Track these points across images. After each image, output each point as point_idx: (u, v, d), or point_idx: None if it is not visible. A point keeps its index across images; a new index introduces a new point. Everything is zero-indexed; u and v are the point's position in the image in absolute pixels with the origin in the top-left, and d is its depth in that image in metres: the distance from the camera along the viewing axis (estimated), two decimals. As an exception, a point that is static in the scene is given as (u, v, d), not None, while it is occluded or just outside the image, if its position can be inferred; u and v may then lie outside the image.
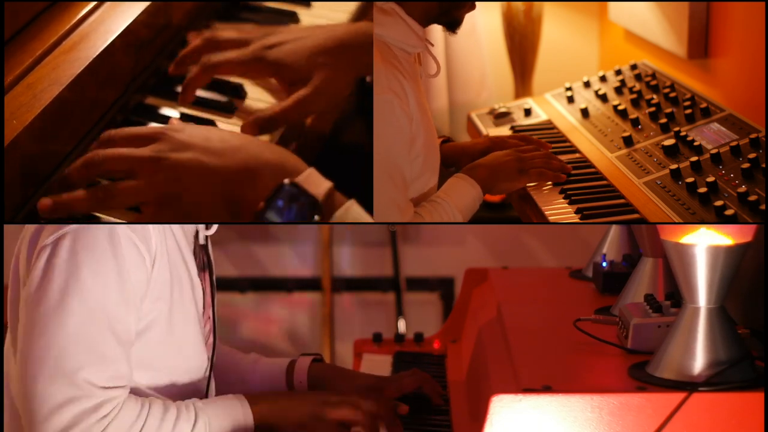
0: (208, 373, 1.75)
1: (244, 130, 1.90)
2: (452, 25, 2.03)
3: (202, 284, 1.75)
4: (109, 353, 1.56)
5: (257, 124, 1.89)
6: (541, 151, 2.23)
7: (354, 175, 2.18)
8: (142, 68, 2.03)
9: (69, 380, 1.53)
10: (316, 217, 1.59)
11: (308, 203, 1.59)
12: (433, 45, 2.06)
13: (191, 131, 1.69)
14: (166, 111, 2.02)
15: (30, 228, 1.64)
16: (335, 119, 2.08)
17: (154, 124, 1.86)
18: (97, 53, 1.87)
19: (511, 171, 2.13)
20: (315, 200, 1.58)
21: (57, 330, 1.54)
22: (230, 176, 1.63)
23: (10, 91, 1.77)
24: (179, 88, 2.03)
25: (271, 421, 1.68)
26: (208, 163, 1.63)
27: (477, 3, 2.06)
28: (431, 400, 1.89)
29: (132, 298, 1.58)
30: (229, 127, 1.95)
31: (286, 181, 1.59)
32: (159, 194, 1.64)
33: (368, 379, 1.91)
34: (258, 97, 2.04)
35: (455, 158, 2.26)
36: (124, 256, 1.57)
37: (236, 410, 1.66)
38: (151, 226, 1.62)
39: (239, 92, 2.03)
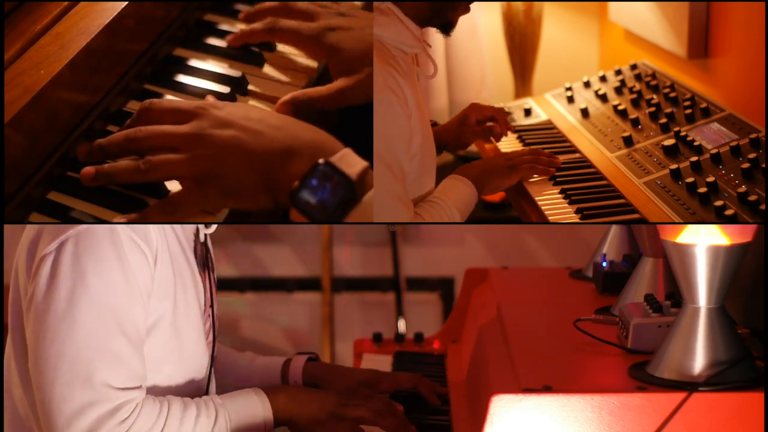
0: (208, 373, 1.75)
1: (278, 107, 1.89)
2: (446, 27, 2.03)
3: (203, 282, 1.75)
4: (122, 353, 1.56)
5: (292, 104, 1.89)
6: (529, 149, 2.28)
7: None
8: (171, 19, 2.03)
9: (85, 384, 1.53)
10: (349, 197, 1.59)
11: (342, 183, 1.57)
12: (430, 46, 2.06)
13: (231, 109, 1.68)
14: (194, 63, 2.02)
15: (28, 234, 1.64)
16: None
17: (191, 101, 1.84)
18: (126, 3, 1.86)
19: (501, 168, 2.17)
20: (349, 179, 1.57)
21: (68, 336, 1.54)
22: (268, 156, 1.61)
23: (38, 41, 1.76)
24: (209, 40, 2.06)
25: (289, 414, 1.69)
26: (248, 141, 1.62)
27: (477, 3, 2.06)
28: (428, 400, 1.89)
29: (139, 296, 1.59)
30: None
31: (321, 160, 1.58)
32: (199, 170, 1.62)
33: (364, 374, 1.92)
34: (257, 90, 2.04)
35: (438, 138, 2.28)
36: (127, 256, 1.57)
37: (255, 404, 1.66)
38: (150, 225, 1.62)
39: (241, 84, 2.03)
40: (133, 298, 1.58)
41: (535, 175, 2.23)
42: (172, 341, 1.66)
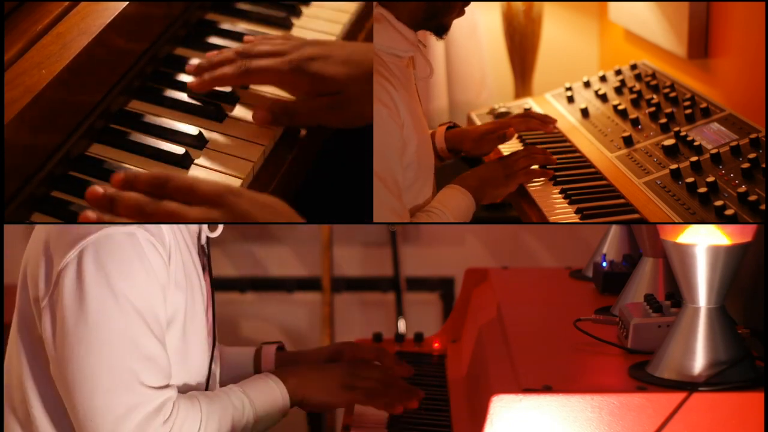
0: (207, 374, 1.75)
1: (256, 115, 1.91)
2: (439, 30, 2.02)
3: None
4: (154, 353, 1.57)
5: (273, 112, 1.92)
6: (523, 149, 2.26)
7: (350, 182, 2.19)
8: (173, 19, 2.04)
9: (126, 388, 1.54)
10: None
11: None
12: (425, 46, 2.05)
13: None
14: (196, 62, 2.02)
15: (38, 242, 1.63)
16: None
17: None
18: (127, 2, 1.87)
19: (498, 178, 2.16)
20: None
21: (103, 342, 1.54)
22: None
23: (39, 41, 1.77)
24: (210, 39, 2.07)
25: (301, 394, 1.74)
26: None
27: (477, 3, 2.05)
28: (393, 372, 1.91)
29: (161, 294, 1.60)
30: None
31: None
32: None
33: (329, 349, 1.96)
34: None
35: (458, 141, 2.28)
36: (147, 256, 1.58)
37: (273, 390, 1.71)
38: (163, 226, 1.62)
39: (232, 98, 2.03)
40: (156, 297, 1.59)
41: (534, 180, 2.23)
42: (180, 343, 1.66)
